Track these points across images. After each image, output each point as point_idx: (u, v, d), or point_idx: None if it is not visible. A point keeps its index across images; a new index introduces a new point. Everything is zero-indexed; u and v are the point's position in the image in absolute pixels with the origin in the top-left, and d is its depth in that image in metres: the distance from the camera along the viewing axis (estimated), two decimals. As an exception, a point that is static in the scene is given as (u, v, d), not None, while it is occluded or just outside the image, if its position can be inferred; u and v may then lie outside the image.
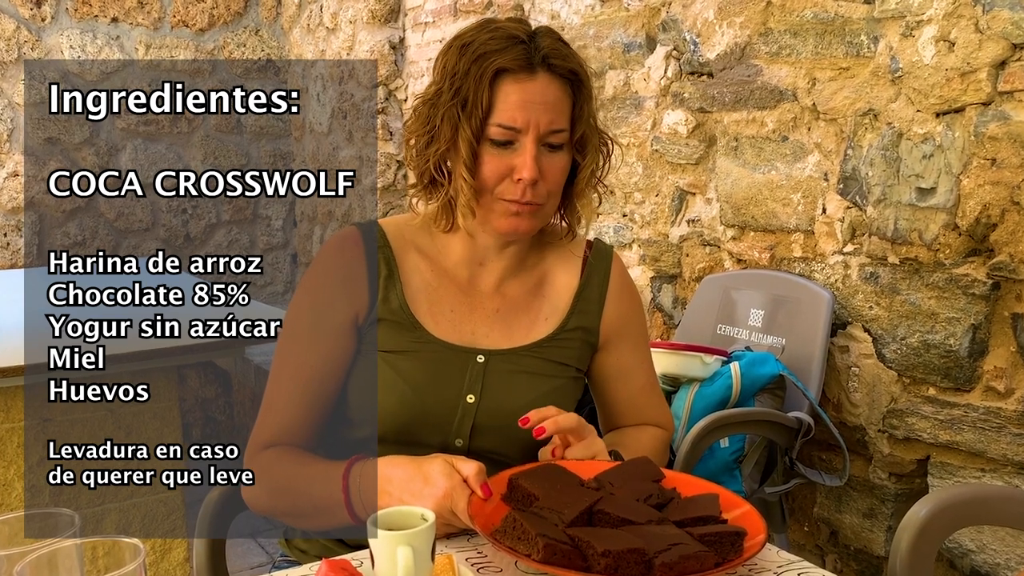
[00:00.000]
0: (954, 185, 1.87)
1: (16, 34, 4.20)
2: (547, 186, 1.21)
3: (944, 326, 1.92)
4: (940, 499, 1.31)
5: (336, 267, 1.27)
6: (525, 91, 1.18)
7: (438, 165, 1.23)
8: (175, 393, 2.53)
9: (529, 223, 1.23)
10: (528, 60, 1.18)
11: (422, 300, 1.27)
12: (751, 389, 2.05)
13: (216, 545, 1.39)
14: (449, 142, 1.20)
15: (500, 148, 1.19)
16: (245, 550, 3.27)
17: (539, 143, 1.19)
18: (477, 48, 1.18)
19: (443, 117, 1.19)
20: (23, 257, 4.30)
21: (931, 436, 1.96)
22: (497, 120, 1.18)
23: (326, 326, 1.24)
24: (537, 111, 1.17)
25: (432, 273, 1.29)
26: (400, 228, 1.31)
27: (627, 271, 1.41)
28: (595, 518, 1.03)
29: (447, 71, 1.20)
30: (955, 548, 1.93)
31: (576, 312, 1.33)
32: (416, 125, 1.24)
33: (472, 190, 1.20)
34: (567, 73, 1.20)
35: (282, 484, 1.20)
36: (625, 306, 1.37)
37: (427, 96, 1.23)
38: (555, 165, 1.21)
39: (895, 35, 1.96)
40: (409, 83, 3.95)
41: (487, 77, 1.17)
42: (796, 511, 2.33)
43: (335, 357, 1.24)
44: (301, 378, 1.24)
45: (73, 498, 2.39)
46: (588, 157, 1.25)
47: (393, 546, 0.90)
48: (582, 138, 1.23)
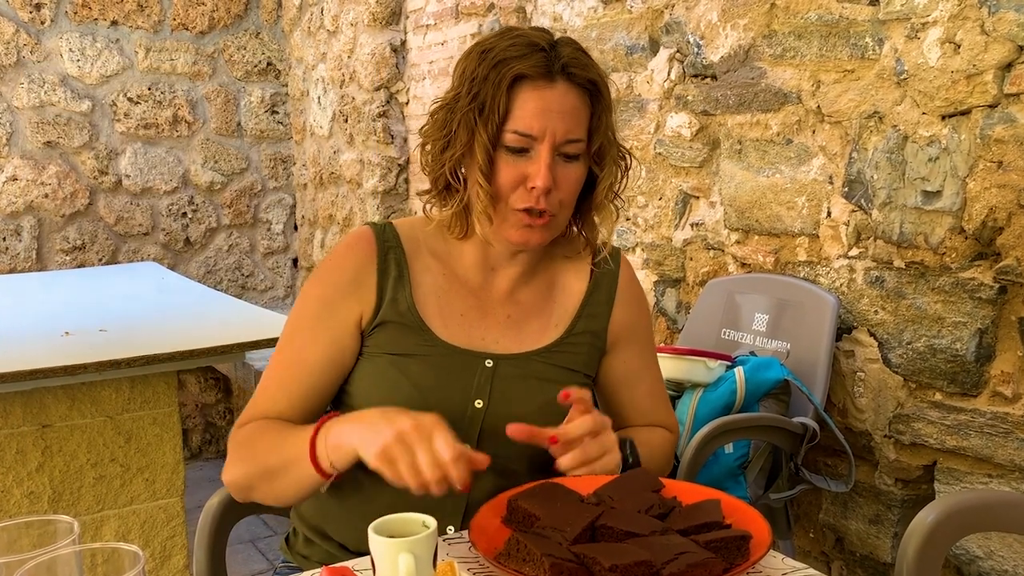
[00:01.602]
0: (960, 188, 1.86)
1: (15, 37, 4.19)
2: (560, 195, 1.21)
3: (950, 330, 1.91)
4: (947, 505, 1.30)
5: (347, 265, 1.26)
6: (543, 99, 1.17)
7: (453, 171, 1.22)
8: (174, 398, 2.52)
9: (541, 235, 1.23)
10: (547, 68, 1.17)
11: (432, 303, 1.26)
12: (755, 394, 2.03)
13: (216, 552, 1.39)
14: (465, 147, 1.19)
15: (515, 155, 1.19)
16: (246, 557, 3.26)
17: (554, 152, 1.18)
18: (497, 54, 1.18)
19: (460, 122, 1.19)
20: (22, 262, 4.29)
21: (938, 441, 1.95)
22: (513, 127, 1.17)
23: (330, 321, 1.24)
24: (554, 119, 1.17)
25: (444, 277, 1.29)
26: (414, 230, 1.31)
27: (635, 275, 1.40)
28: (598, 533, 1.02)
29: (466, 76, 1.20)
30: (962, 555, 1.91)
31: (584, 316, 1.32)
32: (432, 130, 1.24)
33: (488, 197, 1.19)
34: (586, 83, 1.20)
35: (256, 445, 1.20)
36: (633, 310, 1.37)
37: (445, 101, 1.22)
38: (570, 175, 1.21)
39: (900, 37, 1.95)
40: (410, 86, 3.94)
41: (505, 83, 1.16)
42: (801, 517, 2.31)
43: (333, 353, 1.24)
44: (296, 368, 1.24)
45: (72, 505, 2.38)
46: (606, 169, 1.24)
47: (394, 553, 0.90)
48: (600, 150, 1.23)
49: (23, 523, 0.84)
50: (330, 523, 1.29)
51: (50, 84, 4.27)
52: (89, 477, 2.41)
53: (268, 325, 2.61)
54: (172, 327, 2.72)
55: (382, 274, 1.25)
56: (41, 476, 2.35)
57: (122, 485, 2.45)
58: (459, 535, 1.15)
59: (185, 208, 4.64)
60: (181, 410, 2.85)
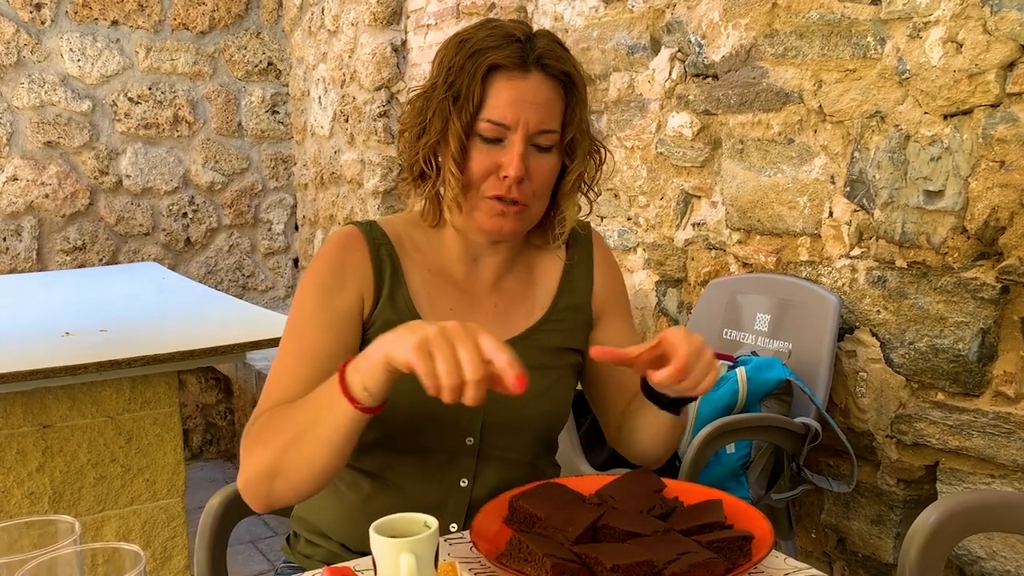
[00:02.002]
0: (962, 188, 1.85)
1: (15, 37, 4.19)
2: (533, 186, 1.21)
3: (953, 330, 1.90)
4: (949, 505, 1.30)
5: (342, 259, 1.25)
6: (517, 89, 1.18)
7: (428, 158, 1.23)
8: (175, 398, 2.52)
9: (513, 224, 1.22)
10: (522, 58, 1.18)
11: (423, 299, 1.26)
12: (757, 394, 2.03)
13: (217, 552, 1.39)
14: (439, 135, 1.20)
15: (489, 144, 1.19)
16: (246, 557, 3.25)
17: (527, 142, 1.19)
18: (474, 44, 1.19)
19: (435, 110, 1.19)
20: (22, 262, 4.28)
21: (940, 442, 1.94)
22: (487, 116, 1.18)
23: (333, 309, 1.22)
24: (527, 109, 1.18)
25: (430, 272, 1.28)
26: (396, 227, 1.30)
27: (607, 244, 1.41)
28: (600, 534, 1.02)
29: (443, 65, 1.21)
30: (965, 555, 1.90)
31: (564, 291, 1.33)
32: (409, 117, 1.24)
33: (459, 184, 1.19)
34: (560, 75, 1.20)
35: (276, 422, 1.13)
36: (612, 278, 1.38)
37: (423, 89, 1.24)
38: (543, 166, 1.21)
39: (902, 36, 1.95)
40: (411, 86, 3.93)
41: (480, 72, 1.17)
42: (803, 518, 2.31)
43: (342, 338, 1.22)
44: (306, 355, 1.21)
45: (72, 505, 2.38)
46: (576, 161, 1.25)
47: (396, 553, 0.89)
48: (572, 141, 1.23)
49: (24, 523, 0.84)
50: (330, 524, 1.28)
51: (50, 84, 4.26)
52: (90, 477, 2.41)
53: (269, 325, 2.60)
54: (173, 327, 2.71)
55: (378, 270, 1.24)
56: (42, 476, 2.35)
57: (123, 485, 2.45)
58: (460, 535, 1.15)
59: (186, 208, 4.64)
60: (182, 410, 2.85)
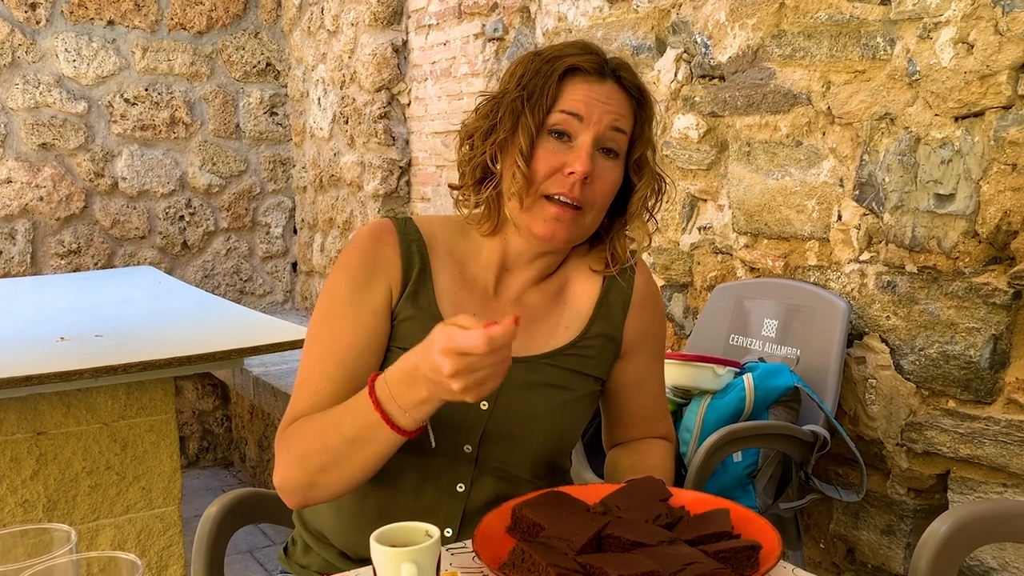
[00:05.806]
0: (974, 191, 1.84)
1: (10, 37, 4.16)
2: (594, 190, 1.21)
3: (964, 336, 1.88)
4: (961, 515, 1.29)
5: (373, 251, 1.25)
6: (592, 90, 1.20)
7: (493, 156, 1.23)
8: (172, 405, 2.50)
9: (567, 231, 1.22)
10: (599, 67, 1.21)
11: (447, 301, 1.25)
12: (765, 401, 2.01)
13: (214, 562, 1.38)
14: (508, 132, 1.21)
15: (557, 142, 1.20)
16: (243, 567, 3.23)
17: (596, 144, 1.20)
18: (551, 53, 1.23)
19: (507, 110, 1.21)
20: (16, 266, 4.25)
21: (951, 450, 1.92)
22: (561, 107, 1.20)
23: (364, 303, 1.22)
24: (601, 108, 1.20)
25: (459, 276, 1.28)
26: (432, 226, 1.30)
27: (652, 277, 1.39)
28: (605, 543, 1.02)
29: (515, 75, 1.23)
30: (976, 566, 1.89)
31: (598, 319, 1.31)
32: (476, 120, 1.26)
33: (524, 179, 1.20)
34: (634, 88, 1.23)
35: (310, 439, 1.16)
36: (649, 314, 1.36)
37: (492, 95, 1.25)
38: (607, 173, 1.22)
39: (912, 37, 1.93)
40: (412, 87, 3.91)
41: (557, 73, 1.20)
42: (812, 527, 2.29)
43: (372, 334, 1.22)
44: (337, 353, 1.21)
45: (67, 513, 2.36)
46: (644, 180, 1.27)
47: (397, 563, 0.90)
48: (641, 159, 1.25)
49: (18, 532, 0.84)
50: (331, 529, 1.28)
51: (45, 85, 4.23)
52: (84, 485, 2.39)
53: (267, 330, 2.59)
54: (169, 333, 2.71)
55: (407, 264, 1.24)
56: (36, 484, 2.33)
57: (118, 493, 2.43)
58: (462, 544, 1.14)
59: (182, 211, 4.61)
60: (178, 417, 2.83)
